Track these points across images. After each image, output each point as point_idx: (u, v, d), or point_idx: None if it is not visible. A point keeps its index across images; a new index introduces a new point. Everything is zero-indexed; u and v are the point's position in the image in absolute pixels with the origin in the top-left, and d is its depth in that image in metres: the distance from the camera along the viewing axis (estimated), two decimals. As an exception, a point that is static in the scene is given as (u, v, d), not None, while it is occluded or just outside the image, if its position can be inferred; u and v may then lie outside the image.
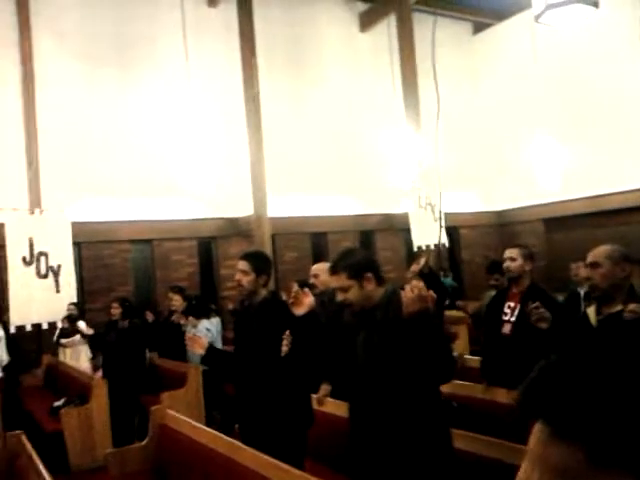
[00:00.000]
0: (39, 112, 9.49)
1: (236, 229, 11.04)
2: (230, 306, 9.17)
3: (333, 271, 2.66)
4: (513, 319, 3.85)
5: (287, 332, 3.37)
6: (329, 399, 4.19)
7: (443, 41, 12.62)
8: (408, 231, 11.41)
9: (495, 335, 3.95)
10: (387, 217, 12.38)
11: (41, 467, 3.28)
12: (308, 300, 2.79)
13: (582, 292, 4.26)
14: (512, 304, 3.90)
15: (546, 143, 12.30)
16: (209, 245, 11.18)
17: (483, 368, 4.09)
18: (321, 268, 4.83)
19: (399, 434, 2.48)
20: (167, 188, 10.47)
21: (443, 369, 2.43)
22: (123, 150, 10.15)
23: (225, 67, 10.79)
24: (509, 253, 3.97)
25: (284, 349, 3.25)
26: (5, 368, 7.68)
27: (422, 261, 6.08)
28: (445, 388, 3.12)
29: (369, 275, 2.60)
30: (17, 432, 4.00)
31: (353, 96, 12.24)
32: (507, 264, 3.95)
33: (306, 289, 2.92)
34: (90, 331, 6.75)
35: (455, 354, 4.72)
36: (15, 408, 6.99)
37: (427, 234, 10.65)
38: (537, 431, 0.57)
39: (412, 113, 11.36)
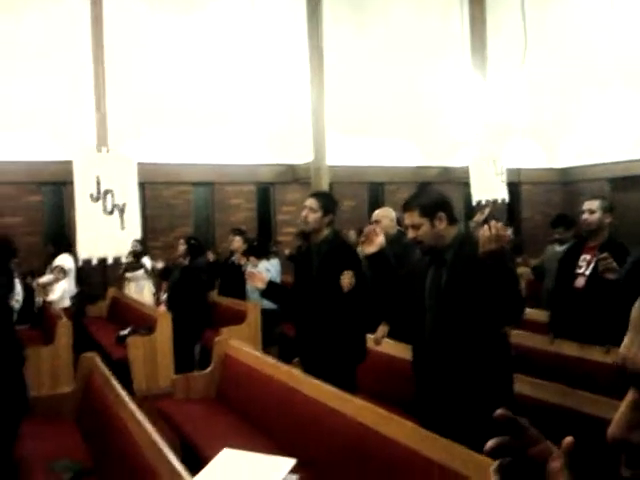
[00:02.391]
0: (107, 53, 9.63)
1: (295, 176, 11.12)
2: (287, 251, 9.32)
3: (406, 208, 2.70)
4: (588, 272, 3.77)
5: (349, 270, 3.44)
6: (386, 339, 4.27)
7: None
8: (466, 185, 11.23)
9: (567, 288, 3.89)
10: (446, 170, 12.20)
11: (115, 384, 3.50)
12: (379, 239, 2.83)
13: None
14: (588, 257, 3.82)
15: (617, 99, 11.80)
16: (267, 191, 11.32)
17: (551, 321, 4.06)
18: (383, 214, 4.85)
19: (464, 374, 2.53)
20: (228, 132, 10.59)
21: (513, 309, 2.45)
22: (187, 94, 10.25)
23: (289, 13, 10.68)
24: (588, 205, 3.87)
25: (345, 283, 3.30)
26: (73, 299, 8.09)
27: (486, 211, 6.03)
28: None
29: (441, 214, 2.62)
30: (91, 353, 4.25)
31: (418, 39, 11.83)
32: (586, 216, 3.86)
33: (378, 228, 2.96)
34: (160, 264, 7.01)
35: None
36: (82, 336, 7.39)
37: (487, 188, 10.48)
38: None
39: (479, 59, 11.01)
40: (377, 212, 4.90)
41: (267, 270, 6.59)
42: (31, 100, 9.33)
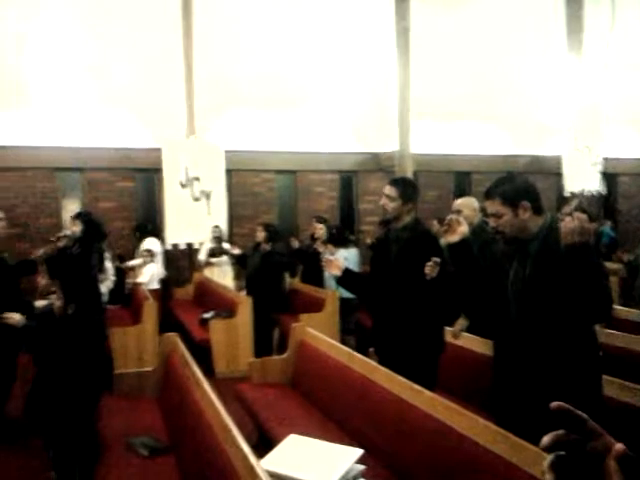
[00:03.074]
0: (195, 42, 9.85)
1: (378, 164, 11.01)
2: (368, 240, 9.25)
3: (487, 196, 2.57)
4: None
5: (434, 258, 3.32)
6: (464, 333, 4.15)
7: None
8: (558, 175, 10.74)
9: None
10: (537, 159, 11.69)
11: (192, 364, 3.58)
12: (462, 229, 2.73)
13: None
14: None
15: None
16: (350, 179, 11.28)
17: None
18: (464, 203, 4.71)
19: (547, 372, 2.39)
20: (312, 120, 10.61)
21: (599, 306, 2.29)
22: (272, 83, 10.32)
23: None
24: None
25: (429, 271, 3.17)
26: (161, 281, 8.41)
27: (573, 203, 5.74)
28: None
29: (525, 203, 2.47)
30: (172, 334, 4.38)
31: (509, 20, 11.24)
32: None
33: (461, 218, 2.85)
34: (237, 251, 7.17)
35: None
36: (168, 317, 7.66)
37: (581, 179, 10.00)
38: None
39: (574, 41, 10.42)
40: (458, 201, 4.77)
41: (345, 259, 6.56)
42: (126, 90, 9.70)
